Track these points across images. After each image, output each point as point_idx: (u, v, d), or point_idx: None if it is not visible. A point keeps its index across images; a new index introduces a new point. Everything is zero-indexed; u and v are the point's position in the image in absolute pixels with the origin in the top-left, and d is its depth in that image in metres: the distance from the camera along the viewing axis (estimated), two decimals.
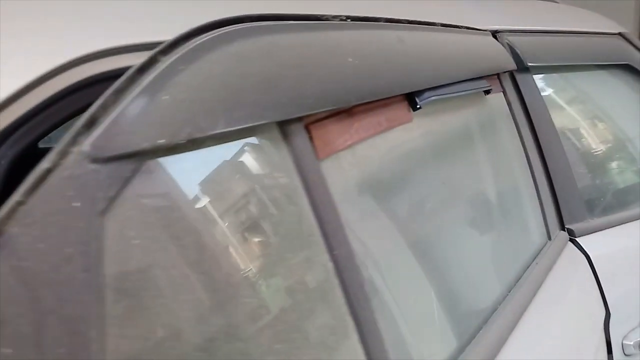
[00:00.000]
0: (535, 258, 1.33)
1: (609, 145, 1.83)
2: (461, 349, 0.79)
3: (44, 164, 0.36)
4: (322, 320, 0.58)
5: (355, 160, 0.71)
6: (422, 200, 0.82)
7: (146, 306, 0.40)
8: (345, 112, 0.71)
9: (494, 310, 1.01)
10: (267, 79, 0.56)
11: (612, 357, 1.42)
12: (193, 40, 0.51)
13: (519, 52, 1.57)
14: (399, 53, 0.86)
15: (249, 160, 0.55)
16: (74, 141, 0.39)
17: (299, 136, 0.61)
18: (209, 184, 0.49)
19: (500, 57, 1.40)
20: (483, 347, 0.85)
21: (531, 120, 1.56)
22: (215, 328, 0.45)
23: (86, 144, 0.39)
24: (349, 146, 0.70)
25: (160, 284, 0.42)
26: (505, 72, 1.45)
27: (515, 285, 1.16)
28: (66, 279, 0.34)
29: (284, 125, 0.59)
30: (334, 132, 0.66)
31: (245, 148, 0.55)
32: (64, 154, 0.37)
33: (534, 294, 1.16)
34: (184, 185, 0.47)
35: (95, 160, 0.39)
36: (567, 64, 1.78)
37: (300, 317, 0.56)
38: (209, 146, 0.49)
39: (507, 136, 1.41)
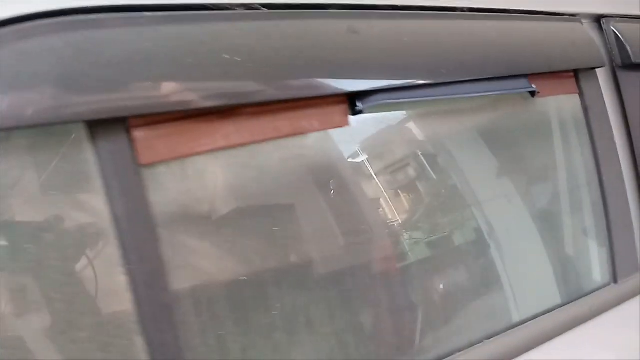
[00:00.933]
0: (577, 300, 1.09)
1: None
2: None
3: None
4: (107, 339, 0.55)
5: (214, 169, 0.64)
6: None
7: None
8: (216, 113, 0.65)
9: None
10: (66, 78, 0.53)
11: None
12: None
13: (627, 44, 1.25)
14: (340, 46, 0.75)
15: (31, 162, 0.53)
16: None
17: (115, 138, 0.57)
18: None
19: (576, 51, 1.13)
20: None
21: (629, 129, 1.24)
22: None
23: None
24: (209, 152, 0.64)
25: None
26: (589, 69, 1.16)
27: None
28: None
29: (95, 127, 0.56)
30: (177, 136, 0.61)
31: (28, 149, 0.53)
32: None
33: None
34: None
35: None
36: None
37: (88, 339, 0.54)
38: None
39: (570, 146, 1.14)
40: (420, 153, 0.90)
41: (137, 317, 0.56)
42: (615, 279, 1.16)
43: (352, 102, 0.77)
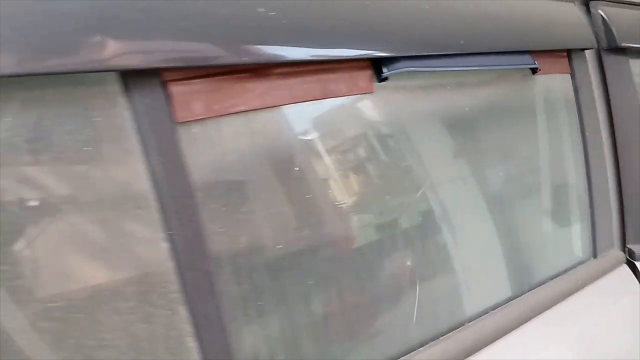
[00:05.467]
0: (562, 274, 1.13)
1: None
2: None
3: None
4: (150, 309, 0.51)
5: (248, 130, 0.61)
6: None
7: None
8: (250, 71, 0.61)
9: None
10: (95, 22, 0.48)
11: None
12: None
13: (613, 28, 1.28)
14: (365, 10, 0.71)
15: (60, 113, 0.48)
16: None
17: (151, 93, 0.52)
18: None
19: (571, 32, 1.15)
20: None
21: (611, 111, 1.29)
22: None
23: None
24: (242, 112, 0.60)
25: None
26: (580, 50, 1.19)
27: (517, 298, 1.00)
28: None
29: (129, 78, 0.51)
30: (213, 94, 0.57)
31: (58, 100, 0.48)
32: None
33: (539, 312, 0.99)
34: None
35: None
36: None
37: (123, 307, 0.50)
38: None
39: (561, 126, 1.17)
40: (432, 124, 0.89)
41: (180, 285, 0.52)
42: (595, 254, 1.21)
43: (377, 68, 0.75)
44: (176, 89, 0.53)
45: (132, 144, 0.51)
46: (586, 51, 1.25)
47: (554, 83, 1.17)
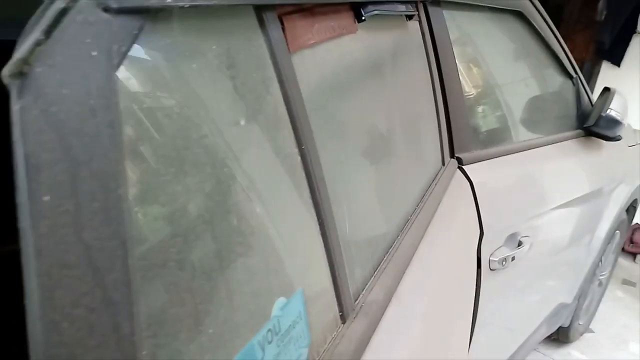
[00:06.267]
0: (432, 182, 1.46)
1: (492, 87, 2.01)
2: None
3: (59, 3, 0.31)
4: (288, 203, 0.60)
5: (315, 60, 0.71)
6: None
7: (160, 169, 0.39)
8: (308, 10, 0.70)
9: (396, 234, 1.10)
10: None
11: (481, 271, 1.62)
12: None
13: None
14: None
15: (233, 41, 0.52)
16: None
17: (273, 26, 0.59)
18: (201, 56, 0.46)
19: None
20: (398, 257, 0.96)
21: (437, 53, 1.65)
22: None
23: None
24: (311, 45, 0.70)
25: (173, 147, 0.40)
26: (421, 1, 1.50)
27: (415, 209, 1.26)
28: (93, 132, 0.31)
29: (260, 13, 0.57)
30: (302, 28, 0.65)
31: (228, 28, 0.52)
32: None
33: (430, 219, 1.27)
34: (179, 57, 0.43)
35: (107, 9, 0.35)
36: (471, 2, 1.88)
37: (268, 201, 0.57)
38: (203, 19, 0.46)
39: (419, 65, 1.48)
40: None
41: (309, 192, 0.62)
42: (443, 163, 1.57)
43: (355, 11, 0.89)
44: (288, 23, 0.61)
45: (269, 71, 0.58)
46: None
47: (412, 28, 1.46)
